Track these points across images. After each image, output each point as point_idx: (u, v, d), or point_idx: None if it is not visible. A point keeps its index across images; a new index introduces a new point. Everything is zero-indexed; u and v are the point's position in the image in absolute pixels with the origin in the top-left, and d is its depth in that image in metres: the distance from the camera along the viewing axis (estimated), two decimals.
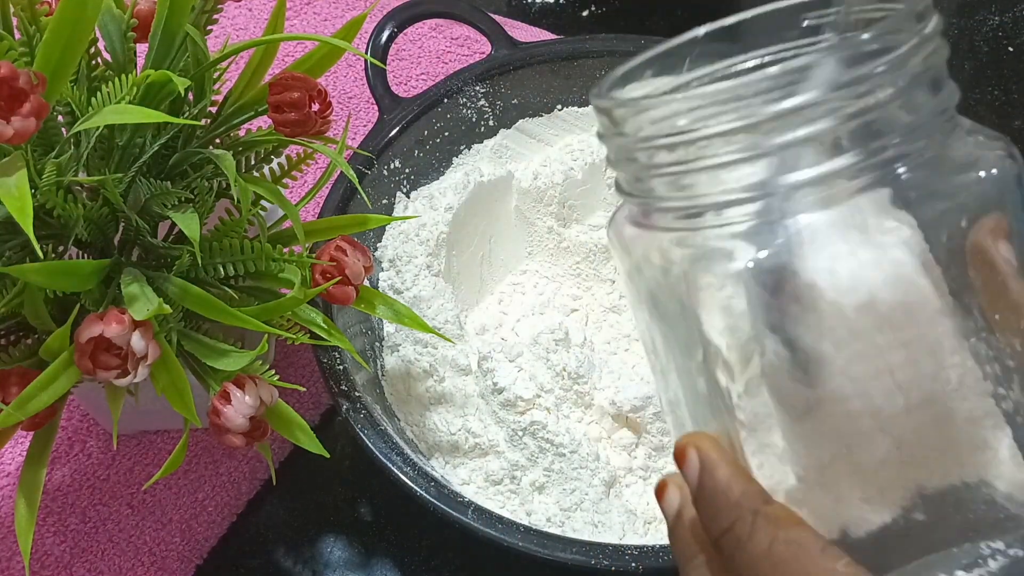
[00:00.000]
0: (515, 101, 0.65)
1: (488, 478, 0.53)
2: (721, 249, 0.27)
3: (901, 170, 0.26)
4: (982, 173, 0.27)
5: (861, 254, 0.26)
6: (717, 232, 0.27)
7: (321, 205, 0.58)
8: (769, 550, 0.26)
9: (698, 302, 0.27)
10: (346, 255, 0.47)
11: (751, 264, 0.26)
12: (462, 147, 0.65)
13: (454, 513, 0.47)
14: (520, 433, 0.53)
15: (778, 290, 0.26)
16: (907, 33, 0.26)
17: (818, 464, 0.27)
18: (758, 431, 0.27)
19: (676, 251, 0.28)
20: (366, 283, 0.49)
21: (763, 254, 0.26)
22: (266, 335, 0.47)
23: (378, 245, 0.60)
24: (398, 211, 0.62)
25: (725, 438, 0.28)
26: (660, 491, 0.31)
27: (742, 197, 0.26)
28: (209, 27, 0.48)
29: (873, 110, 0.25)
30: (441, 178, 0.64)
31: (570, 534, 0.51)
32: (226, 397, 0.42)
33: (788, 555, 0.26)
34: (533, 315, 0.63)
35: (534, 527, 0.48)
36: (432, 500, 0.47)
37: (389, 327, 0.58)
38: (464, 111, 0.64)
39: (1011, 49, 0.79)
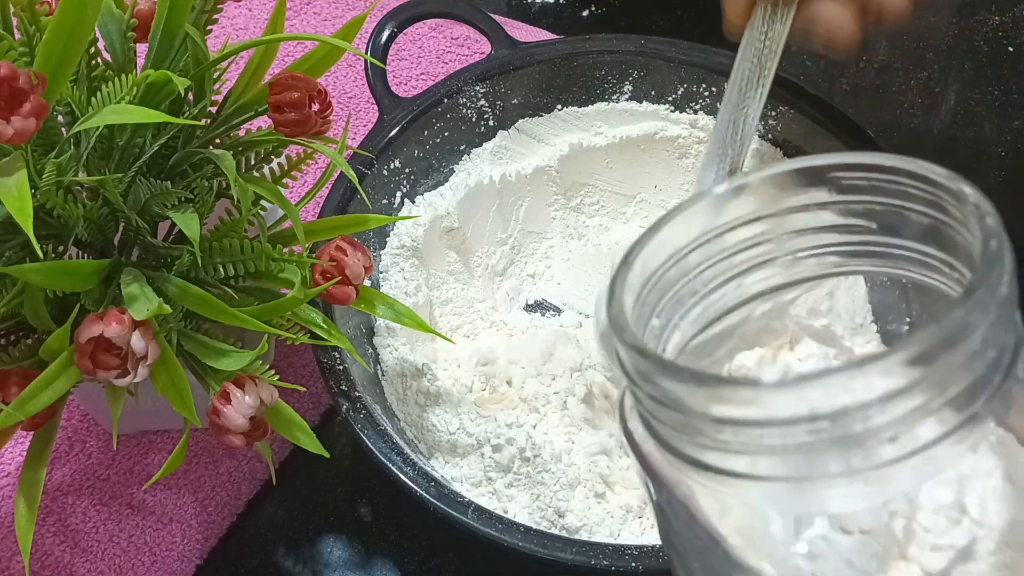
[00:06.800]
0: (515, 101, 0.65)
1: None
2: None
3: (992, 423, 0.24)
4: None
5: None
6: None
7: (321, 205, 0.57)
8: None
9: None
10: (346, 255, 0.47)
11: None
12: (462, 147, 0.65)
13: (454, 513, 0.47)
14: (498, 445, 0.53)
15: None
16: (985, 289, 0.23)
17: None
18: None
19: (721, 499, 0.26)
20: (367, 283, 0.49)
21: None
22: (266, 335, 0.47)
23: (382, 242, 0.60)
24: (399, 211, 0.62)
25: None
26: None
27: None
28: (209, 27, 0.48)
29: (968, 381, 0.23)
30: (442, 178, 0.64)
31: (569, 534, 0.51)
32: (226, 397, 0.42)
33: None
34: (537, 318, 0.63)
35: (534, 527, 0.48)
36: (432, 500, 0.47)
37: (388, 326, 0.58)
38: (464, 111, 0.64)
39: (1011, 49, 0.79)
